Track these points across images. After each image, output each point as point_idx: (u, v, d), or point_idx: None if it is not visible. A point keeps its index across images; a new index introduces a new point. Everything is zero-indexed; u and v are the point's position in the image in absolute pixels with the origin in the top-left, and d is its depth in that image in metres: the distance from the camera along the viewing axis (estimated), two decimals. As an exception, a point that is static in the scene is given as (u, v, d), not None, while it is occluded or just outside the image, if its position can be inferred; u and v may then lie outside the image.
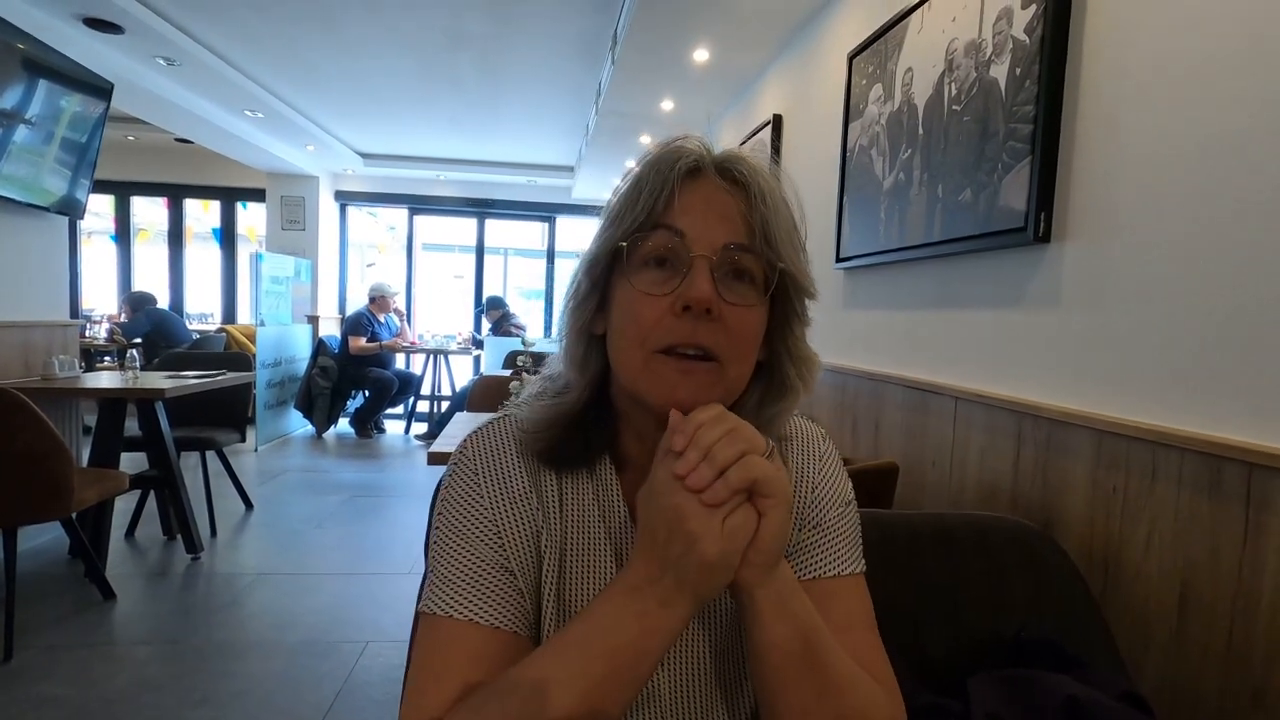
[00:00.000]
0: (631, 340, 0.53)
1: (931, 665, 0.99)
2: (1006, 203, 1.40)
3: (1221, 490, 0.95)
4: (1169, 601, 1.02)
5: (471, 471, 0.59)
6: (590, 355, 0.58)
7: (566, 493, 0.60)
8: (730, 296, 0.52)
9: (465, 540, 0.56)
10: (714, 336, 0.52)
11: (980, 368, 1.52)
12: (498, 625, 0.54)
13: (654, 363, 0.52)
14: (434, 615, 0.54)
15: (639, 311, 0.52)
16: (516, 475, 0.59)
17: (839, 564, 0.60)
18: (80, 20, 3.08)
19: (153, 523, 3.26)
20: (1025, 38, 1.36)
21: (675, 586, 0.47)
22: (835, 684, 0.51)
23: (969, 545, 1.09)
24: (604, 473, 0.60)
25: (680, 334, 0.51)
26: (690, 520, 0.46)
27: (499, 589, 0.55)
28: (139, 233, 7.10)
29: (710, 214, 0.53)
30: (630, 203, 0.54)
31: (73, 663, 2.10)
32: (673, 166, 0.53)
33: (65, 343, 3.19)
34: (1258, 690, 0.89)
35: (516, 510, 0.58)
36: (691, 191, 0.53)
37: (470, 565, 0.55)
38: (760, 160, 0.56)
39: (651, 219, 0.53)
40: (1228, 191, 0.96)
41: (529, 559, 0.58)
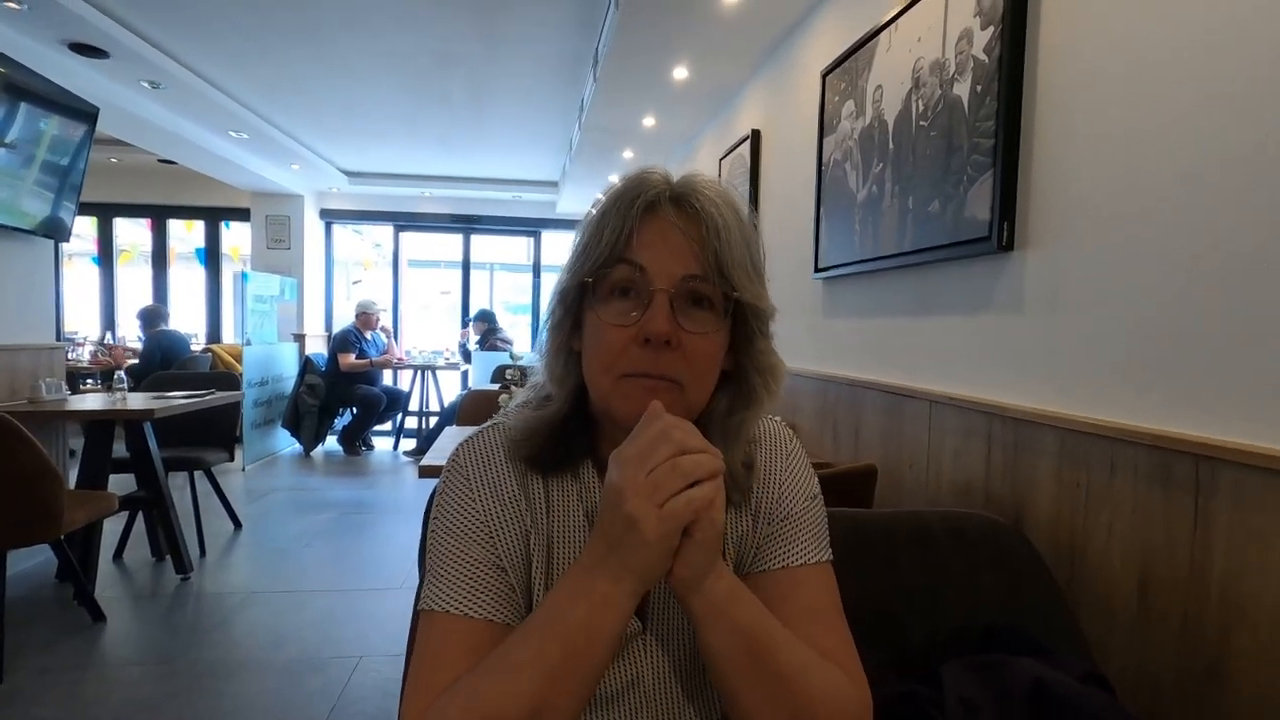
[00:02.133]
0: (600, 366, 0.58)
1: (909, 655, 1.03)
2: (972, 213, 1.46)
3: (1173, 481, 1.01)
4: (1129, 587, 1.08)
5: (464, 477, 0.63)
6: (569, 370, 0.62)
7: (553, 495, 0.64)
8: (689, 325, 0.56)
9: (459, 541, 0.60)
10: (674, 364, 0.56)
11: (952, 372, 1.58)
12: (491, 618, 0.58)
13: (622, 385, 0.57)
14: (432, 611, 0.58)
15: (606, 340, 0.57)
16: (506, 480, 0.63)
17: (806, 554, 0.64)
18: (66, 45, 3.11)
19: (141, 544, 3.25)
20: (985, 57, 1.44)
21: (620, 565, 0.50)
22: (786, 677, 0.54)
23: (943, 541, 1.15)
24: (587, 476, 0.65)
25: (643, 363, 0.56)
26: (629, 503, 0.48)
27: (492, 585, 0.59)
28: (121, 254, 7.07)
29: (668, 248, 0.57)
30: (595, 239, 0.58)
31: (65, 685, 2.09)
32: (632, 204, 0.57)
33: (51, 366, 3.19)
34: (1211, 667, 0.95)
35: (506, 512, 0.62)
36: (651, 227, 0.57)
37: (465, 564, 0.59)
38: (718, 190, 0.60)
39: (614, 255, 0.57)
40: (1177, 199, 1.03)
41: (519, 557, 0.62)
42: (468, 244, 7.32)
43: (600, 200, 0.61)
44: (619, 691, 0.63)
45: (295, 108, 4.45)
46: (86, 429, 2.89)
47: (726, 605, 0.53)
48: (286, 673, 2.21)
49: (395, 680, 2.22)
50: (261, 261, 6.47)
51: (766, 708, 0.54)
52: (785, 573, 0.63)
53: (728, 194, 0.60)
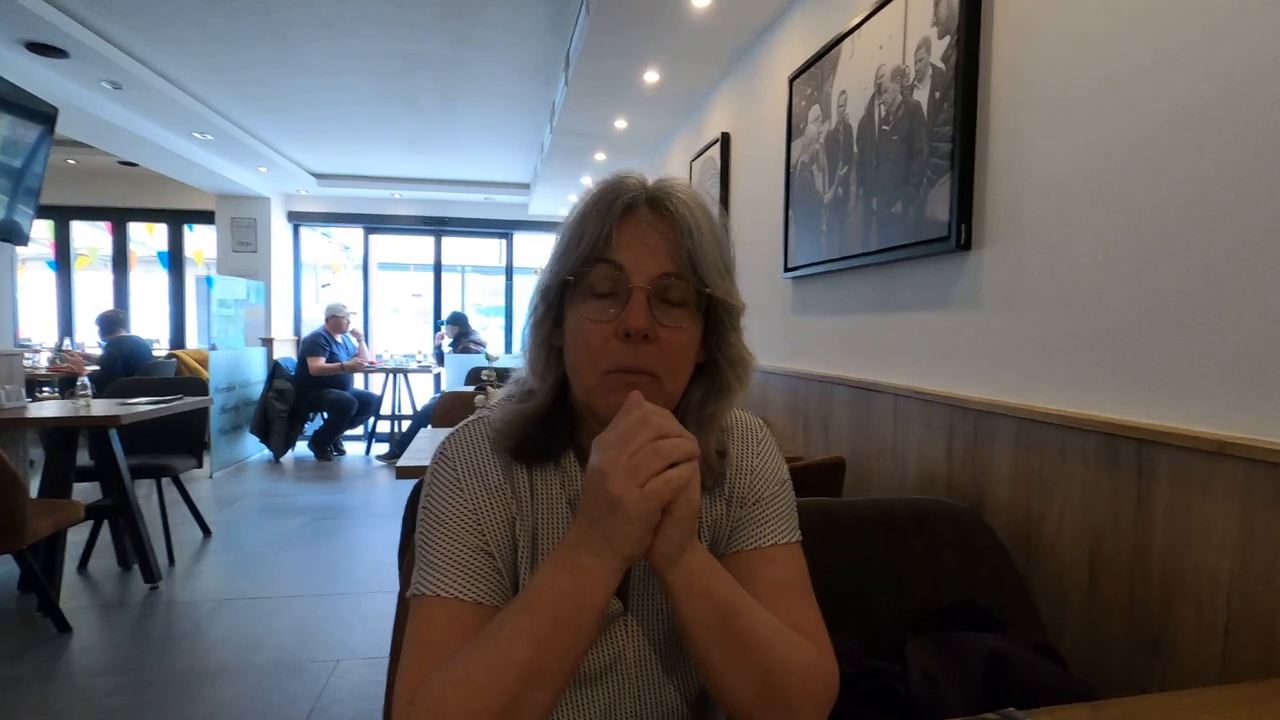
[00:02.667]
0: (583, 361, 0.61)
1: (878, 635, 1.08)
2: (932, 214, 1.53)
3: (1118, 464, 1.07)
4: (1080, 566, 1.15)
5: (451, 467, 0.66)
6: (551, 364, 0.65)
7: (537, 484, 0.67)
8: (665, 320, 0.60)
9: (447, 528, 0.63)
10: (651, 357, 0.60)
11: (915, 366, 1.64)
12: (480, 600, 0.61)
13: (605, 381, 0.60)
14: (422, 596, 0.60)
15: (588, 337, 0.61)
16: (491, 469, 0.66)
17: (777, 535, 0.69)
18: (23, 45, 3.03)
19: (106, 554, 3.19)
20: (942, 65, 1.50)
21: (603, 541, 0.53)
22: (756, 644, 0.58)
23: (907, 527, 1.20)
24: (569, 465, 0.68)
25: (623, 357, 0.60)
26: (612, 483, 0.51)
27: (479, 569, 0.62)
28: (79, 258, 6.88)
29: (644, 247, 0.61)
30: (575, 239, 0.61)
31: (32, 696, 2.06)
32: (610, 206, 0.61)
33: (10, 373, 3.11)
34: (1154, 640, 1.02)
35: (492, 499, 0.65)
36: (628, 228, 0.61)
37: (453, 549, 0.62)
38: (690, 192, 0.63)
39: (594, 254, 0.60)
40: (1120, 200, 1.10)
41: (505, 543, 0.65)
42: (439, 246, 7.28)
43: (579, 202, 0.64)
44: (602, 670, 0.66)
45: (262, 109, 4.39)
46: (49, 437, 2.83)
47: (700, 578, 0.57)
48: (263, 677, 2.19)
49: (374, 682, 2.21)
50: (227, 265, 6.36)
51: (739, 674, 0.58)
52: (758, 553, 0.67)
53: (699, 197, 0.64)
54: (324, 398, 5.65)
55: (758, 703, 0.58)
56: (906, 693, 0.92)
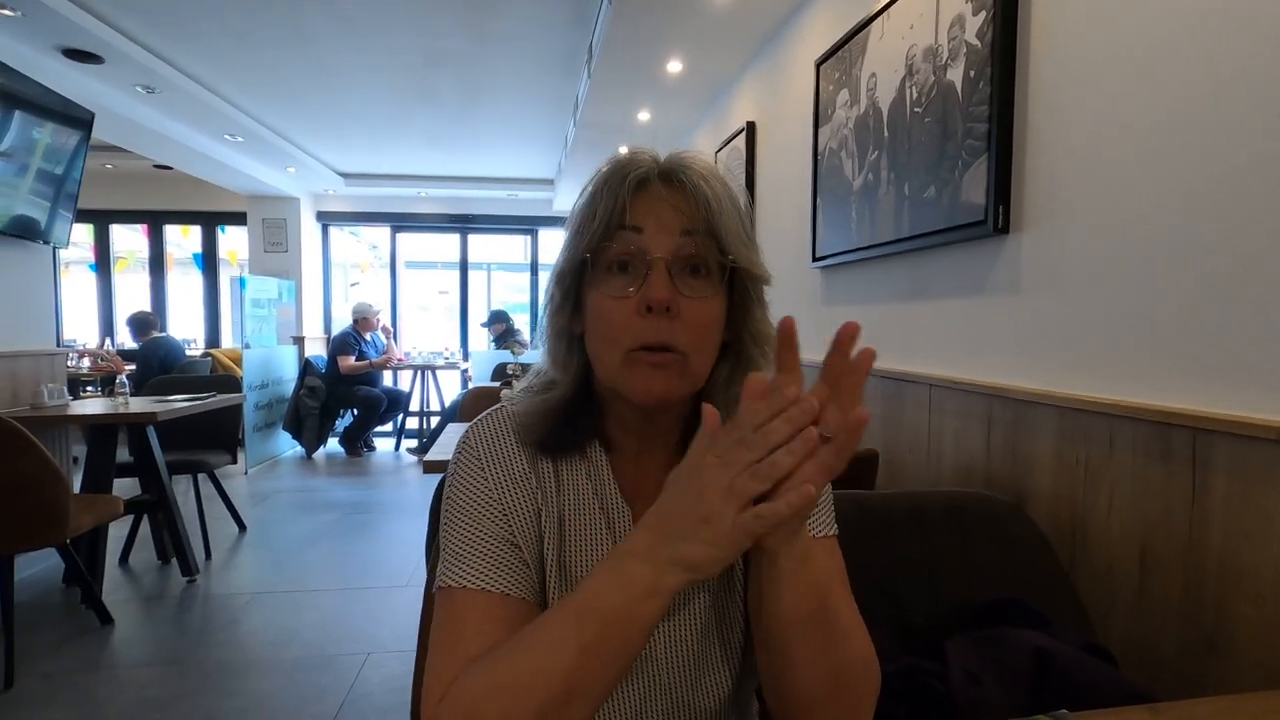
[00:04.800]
0: (606, 342, 0.59)
1: (911, 631, 1.05)
2: (967, 198, 1.47)
3: (1171, 454, 1.02)
4: (1131, 561, 1.09)
5: (475, 457, 0.64)
6: (571, 353, 0.63)
7: (562, 474, 0.65)
8: (687, 291, 0.58)
9: (473, 519, 0.61)
10: (676, 333, 0.57)
11: (951, 355, 1.59)
12: (506, 592, 0.59)
13: (629, 361, 0.58)
14: (449, 588, 0.59)
15: (609, 315, 0.58)
16: (516, 459, 0.64)
17: (816, 528, 0.66)
18: (60, 51, 3.11)
19: (146, 548, 3.27)
20: (977, 42, 1.44)
21: (673, 558, 0.49)
22: (840, 634, 0.56)
23: (942, 520, 1.16)
24: (595, 455, 0.66)
25: (647, 334, 0.57)
26: (708, 502, 0.47)
27: (506, 560, 0.60)
28: (118, 261, 7.07)
29: (661, 218, 0.58)
30: (588, 217, 0.59)
31: (74, 688, 2.11)
32: (623, 181, 0.58)
33: (53, 372, 3.19)
34: (1209, 639, 0.96)
35: (518, 490, 0.63)
36: (643, 200, 0.59)
37: (479, 540, 0.60)
38: (705, 164, 0.61)
39: (610, 228, 0.58)
40: (1168, 178, 1.04)
41: (531, 534, 0.63)
42: (465, 244, 7.32)
43: (590, 182, 0.61)
44: (634, 668, 0.64)
45: (289, 110, 4.45)
46: (90, 434, 2.90)
47: (807, 564, 0.54)
48: (296, 670, 2.22)
49: (404, 675, 2.23)
50: (259, 265, 6.48)
51: (819, 667, 0.55)
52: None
53: (715, 168, 0.62)
54: (354, 395, 5.72)
55: (828, 698, 0.56)
56: (946, 691, 0.88)
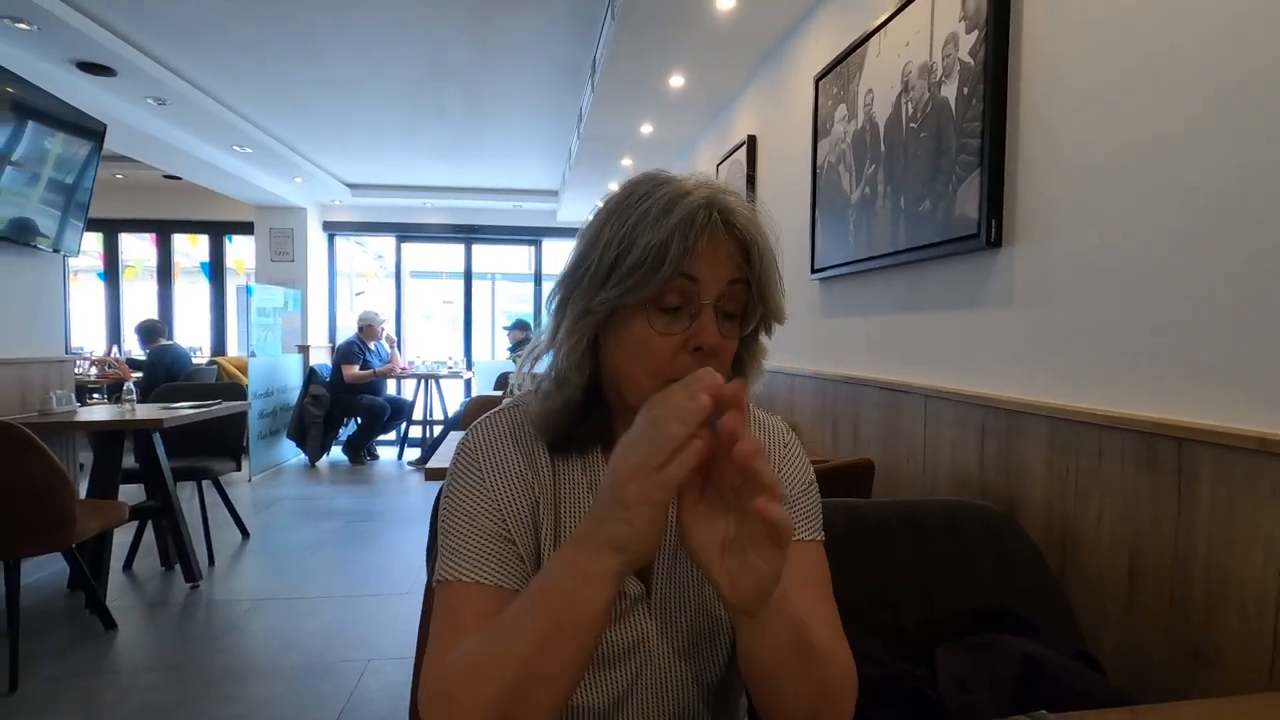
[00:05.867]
0: (645, 370, 0.61)
1: (904, 639, 1.06)
2: (961, 211, 1.50)
3: (1157, 464, 1.04)
4: (1120, 572, 1.11)
5: (473, 458, 0.67)
6: (588, 358, 0.65)
7: (559, 471, 0.69)
8: (725, 332, 0.62)
9: (469, 516, 0.64)
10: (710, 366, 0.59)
11: (946, 367, 1.61)
12: (500, 584, 0.62)
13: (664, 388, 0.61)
14: (446, 581, 0.62)
15: (654, 349, 0.60)
16: (512, 458, 0.67)
17: (802, 531, 0.69)
18: (74, 64, 3.17)
19: (150, 554, 3.29)
20: (970, 60, 1.47)
21: (602, 540, 0.51)
22: (819, 656, 0.57)
23: (936, 529, 1.17)
24: (593, 454, 0.69)
25: (689, 369, 0.57)
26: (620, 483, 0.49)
27: (500, 554, 0.63)
28: (127, 269, 7.14)
29: (716, 264, 0.60)
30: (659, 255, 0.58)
31: (78, 691, 2.12)
32: (691, 223, 0.59)
33: (61, 378, 3.23)
34: (1197, 649, 0.98)
35: (512, 487, 0.66)
36: (701, 246, 0.60)
37: (474, 536, 0.63)
38: (749, 210, 0.63)
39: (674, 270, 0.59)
40: (1153, 195, 1.06)
41: (526, 529, 0.66)
42: (469, 254, 7.38)
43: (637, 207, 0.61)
44: (623, 653, 0.66)
45: (296, 121, 4.52)
46: (96, 440, 2.93)
47: (781, 604, 0.55)
48: (297, 677, 2.24)
49: (404, 682, 2.24)
50: (266, 274, 6.53)
51: (804, 689, 0.57)
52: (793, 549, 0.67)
53: (757, 212, 0.65)
54: (358, 403, 5.75)
55: (812, 713, 0.58)
56: (936, 697, 0.89)
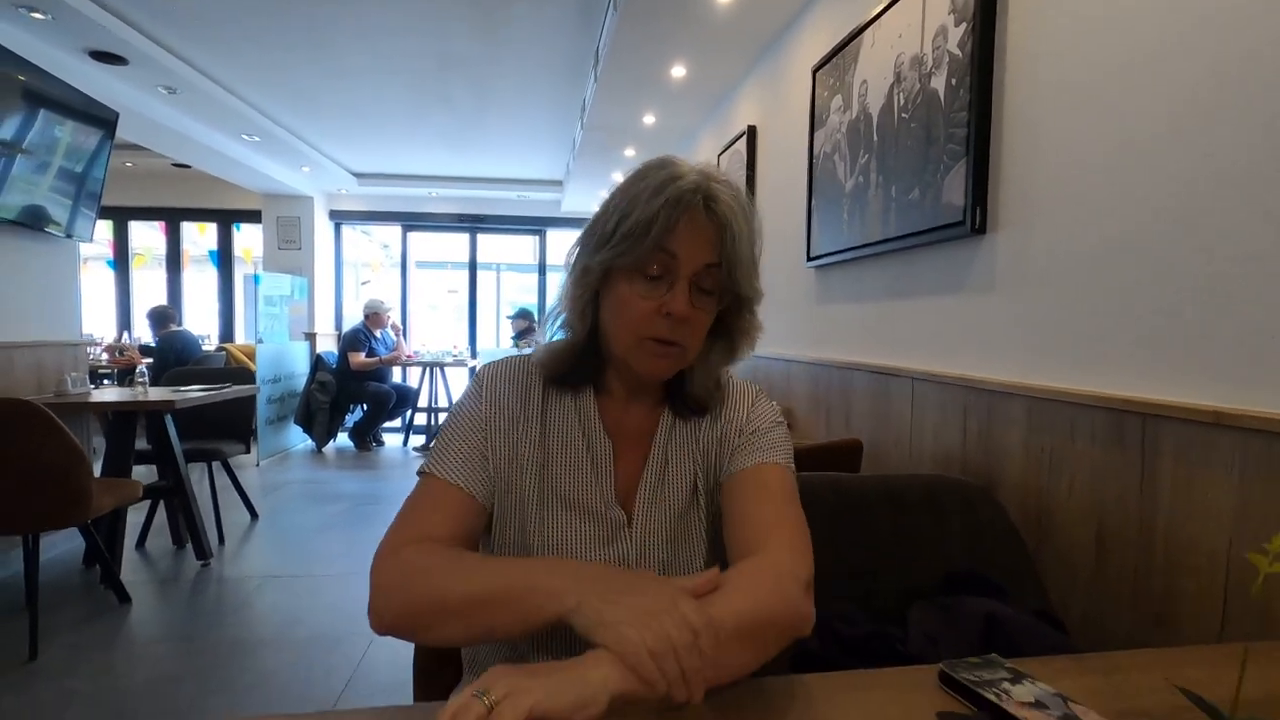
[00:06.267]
0: (624, 327, 0.73)
1: (882, 602, 1.12)
2: (948, 199, 1.55)
3: (1124, 440, 1.09)
4: (1088, 542, 1.16)
5: (478, 387, 0.80)
6: (589, 310, 0.76)
7: (550, 405, 0.79)
8: (698, 304, 0.72)
9: (461, 431, 0.77)
10: (681, 332, 0.72)
11: (932, 350, 1.66)
12: (461, 486, 0.73)
13: (640, 345, 0.73)
14: (428, 473, 0.74)
15: (633, 308, 0.72)
16: (508, 394, 0.79)
17: (770, 455, 0.77)
18: (87, 53, 3.23)
19: (162, 534, 3.37)
20: (959, 52, 1.52)
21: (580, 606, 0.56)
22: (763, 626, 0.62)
23: (916, 503, 1.23)
24: (585, 396, 0.80)
25: (660, 330, 0.71)
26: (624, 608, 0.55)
27: (474, 466, 0.75)
28: (136, 257, 7.22)
29: (694, 245, 0.70)
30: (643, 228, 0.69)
31: (95, 660, 2.21)
32: (668, 203, 0.68)
33: (75, 361, 3.31)
34: (1158, 614, 1.03)
35: (501, 418, 0.78)
36: (682, 226, 0.70)
37: (459, 446, 0.75)
38: (734, 193, 0.72)
39: (651, 250, 0.70)
40: (1127, 185, 1.11)
41: (501, 454, 0.76)
42: (474, 244, 7.43)
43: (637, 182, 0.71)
44: None
45: (304, 110, 4.57)
46: (109, 422, 3.01)
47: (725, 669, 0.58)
48: (304, 649, 2.31)
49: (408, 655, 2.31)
50: (273, 262, 6.61)
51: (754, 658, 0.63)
52: (756, 468, 0.76)
53: (741, 196, 0.73)
54: (364, 390, 5.83)
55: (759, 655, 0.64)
56: (906, 652, 0.95)
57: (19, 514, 2.27)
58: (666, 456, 0.79)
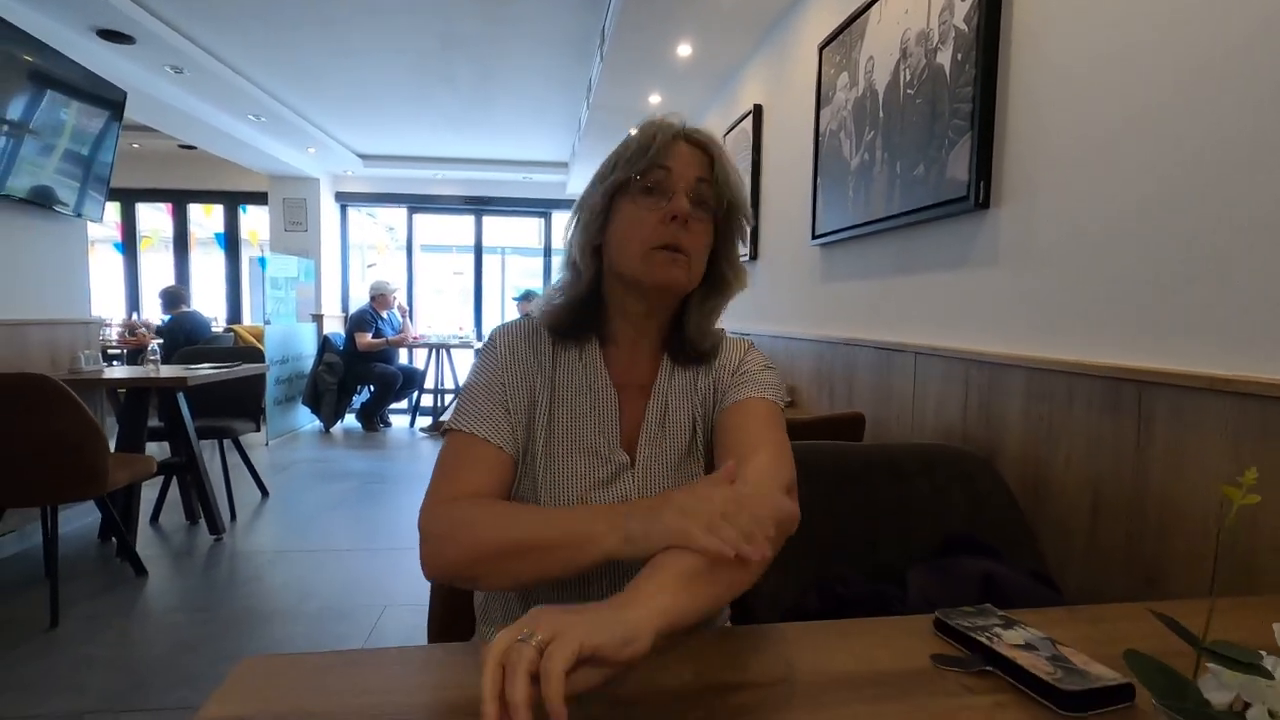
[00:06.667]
0: (634, 240, 0.79)
1: (882, 565, 1.15)
2: (952, 174, 1.56)
3: (1120, 409, 1.11)
4: (1084, 509, 1.19)
5: (492, 346, 0.85)
6: (592, 259, 0.83)
7: (559, 358, 0.85)
8: (695, 214, 0.79)
9: (482, 388, 0.82)
10: (687, 239, 0.78)
11: (935, 324, 1.68)
12: (488, 439, 0.78)
13: (649, 256, 0.78)
14: (454, 430, 0.79)
15: (640, 220, 0.78)
16: (521, 349, 0.84)
17: (759, 391, 0.83)
18: (94, 32, 3.24)
19: (175, 510, 3.43)
20: (965, 26, 1.52)
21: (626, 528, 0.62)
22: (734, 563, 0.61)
23: (915, 471, 1.26)
24: (591, 348, 0.85)
25: (667, 236, 0.78)
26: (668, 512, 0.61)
27: (498, 420, 0.80)
28: (142, 240, 7.25)
29: (685, 163, 0.80)
30: (640, 150, 0.80)
31: (113, 629, 2.26)
32: (659, 132, 0.80)
33: (88, 340, 3.35)
34: (1150, 575, 1.06)
35: (517, 371, 0.83)
36: (674, 148, 0.80)
37: (482, 402, 0.80)
38: (714, 139, 0.83)
39: (649, 165, 0.79)
40: (1127, 159, 1.12)
41: (521, 405, 0.82)
42: (479, 226, 7.44)
43: (631, 136, 0.82)
44: None
45: (310, 90, 4.57)
46: (123, 399, 3.05)
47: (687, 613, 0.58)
48: (317, 619, 2.37)
49: (419, 626, 2.36)
50: (280, 244, 6.64)
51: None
52: (746, 401, 0.83)
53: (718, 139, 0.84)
54: (371, 371, 5.88)
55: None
56: (904, 610, 0.98)
57: (38, 486, 2.32)
58: (666, 402, 0.85)
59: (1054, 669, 0.62)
